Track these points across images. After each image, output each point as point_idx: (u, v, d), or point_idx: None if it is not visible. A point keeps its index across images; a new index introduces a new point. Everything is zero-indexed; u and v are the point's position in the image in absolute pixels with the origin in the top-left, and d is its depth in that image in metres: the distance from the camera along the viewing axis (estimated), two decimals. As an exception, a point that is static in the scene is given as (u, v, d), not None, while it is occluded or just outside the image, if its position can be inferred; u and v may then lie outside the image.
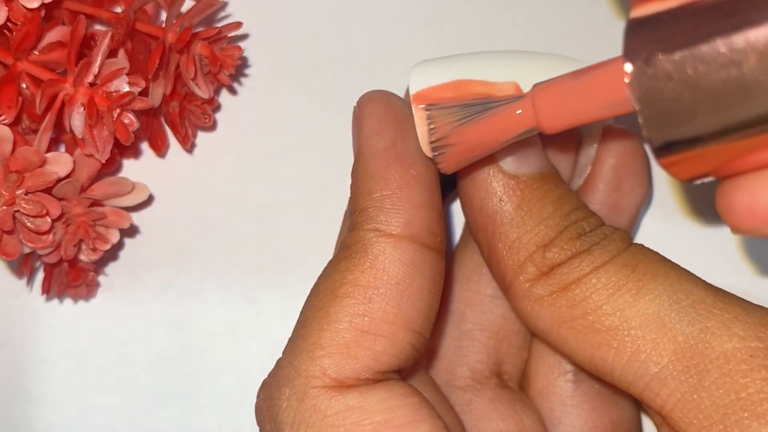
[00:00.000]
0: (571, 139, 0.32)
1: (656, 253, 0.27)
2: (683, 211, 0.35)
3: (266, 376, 0.28)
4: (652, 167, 0.34)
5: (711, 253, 0.35)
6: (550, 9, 0.35)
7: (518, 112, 0.25)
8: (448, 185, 0.29)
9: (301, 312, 0.28)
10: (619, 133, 0.32)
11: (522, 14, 0.35)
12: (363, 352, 0.26)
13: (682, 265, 0.27)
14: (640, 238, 0.35)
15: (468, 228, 0.33)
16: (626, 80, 0.22)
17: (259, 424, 0.28)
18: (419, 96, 0.27)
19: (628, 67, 0.22)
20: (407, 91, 0.33)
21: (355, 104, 0.29)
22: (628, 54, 0.22)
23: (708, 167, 0.23)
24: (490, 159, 0.28)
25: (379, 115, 0.28)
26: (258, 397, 0.28)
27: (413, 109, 0.27)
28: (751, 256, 0.35)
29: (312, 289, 0.28)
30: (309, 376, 0.26)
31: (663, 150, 0.23)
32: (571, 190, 0.28)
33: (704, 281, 0.26)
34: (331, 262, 0.28)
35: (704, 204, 0.35)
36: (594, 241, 0.27)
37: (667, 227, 0.35)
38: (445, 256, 0.28)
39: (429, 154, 0.27)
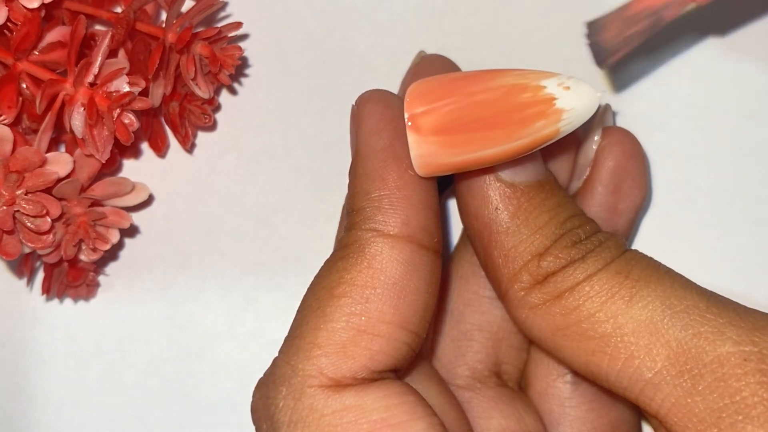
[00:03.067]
0: (570, 141, 0.32)
1: (650, 259, 0.27)
2: (682, 214, 0.35)
3: (262, 376, 0.28)
4: (651, 170, 0.34)
5: (709, 255, 0.35)
6: (550, 9, 0.35)
7: None
8: (445, 181, 0.29)
9: (298, 311, 0.28)
10: (619, 135, 0.32)
11: (522, 14, 0.35)
12: (360, 351, 0.26)
13: (681, 268, 0.27)
14: (638, 241, 0.35)
15: (465, 234, 0.33)
16: None
17: (255, 423, 0.28)
18: (414, 118, 0.27)
19: None
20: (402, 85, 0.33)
21: (353, 104, 0.29)
22: None
23: None
24: (488, 167, 0.28)
25: (377, 114, 0.28)
26: (254, 396, 0.28)
27: (407, 131, 0.27)
28: (749, 259, 0.34)
29: (309, 288, 0.28)
30: (306, 375, 0.26)
31: None
32: (569, 197, 0.29)
33: (698, 286, 0.26)
34: (328, 262, 0.28)
35: (703, 206, 0.35)
36: (588, 248, 0.27)
37: (665, 230, 0.35)
38: (443, 257, 0.28)
39: (422, 174, 0.27)
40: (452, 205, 0.35)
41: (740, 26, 0.33)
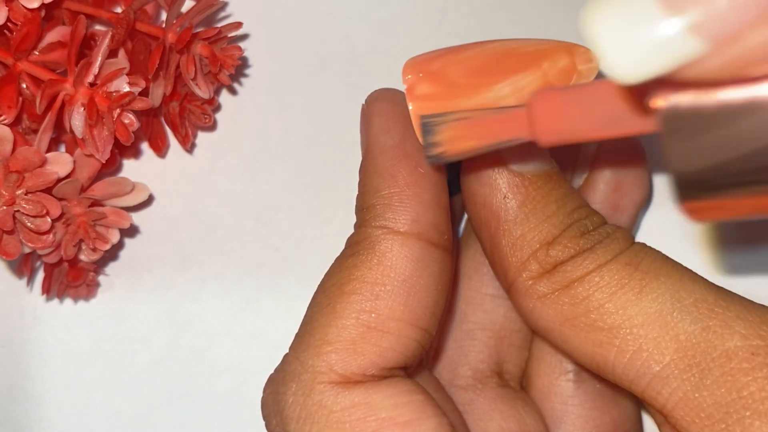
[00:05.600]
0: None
1: (658, 252, 0.27)
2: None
3: (273, 371, 0.28)
4: (652, 167, 0.34)
5: (709, 254, 0.35)
6: (550, 9, 0.35)
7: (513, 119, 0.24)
8: (456, 185, 0.29)
9: (309, 308, 0.28)
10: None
11: (521, 14, 0.35)
12: (369, 348, 0.26)
13: (684, 265, 0.27)
14: (640, 238, 0.35)
15: (470, 225, 0.33)
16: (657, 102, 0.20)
17: (265, 418, 0.28)
18: (411, 88, 0.27)
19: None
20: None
21: (363, 102, 0.29)
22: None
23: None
24: (495, 156, 0.28)
25: (387, 112, 0.28)
26: (264, 391, 0.28)
27: (408, 103, 0.27)
28: (751, 256, 0.35)
29: (319, 286, 0.28)
30: (315, 372, 0.26)
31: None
32: (574, 189, 0.29)
33: (706, 280, 0.26)
34: (338, 259, 0.28)
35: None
36: (597, 239, 0.27)
37: (667, 227, 0.35)
38: (453, 255, 0.28)
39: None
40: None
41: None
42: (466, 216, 0.34)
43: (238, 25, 0.33)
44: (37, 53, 0.31)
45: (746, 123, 0.20)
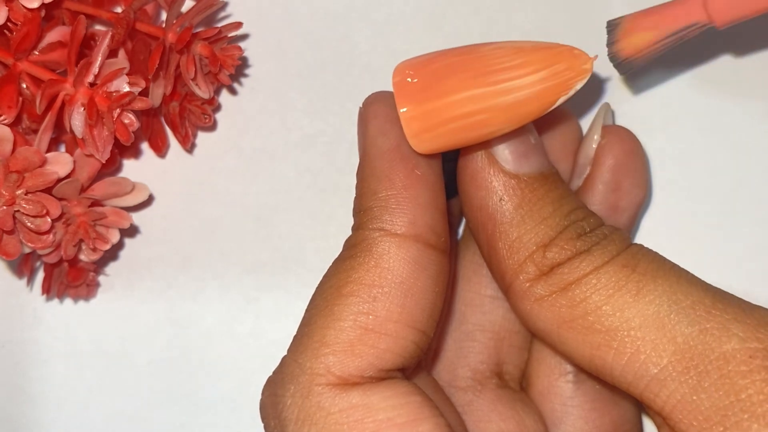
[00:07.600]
0: (571, 139, 0.32)
1: (656, 254, 0.27)
2: (682, 213, 0.35)
3: (271, 374, 0.28)
4: (651, 168, 0.34)
5: (710, 253, 0.35)
6: (550, 9, 0.35)
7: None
8: (453, 187, 0.29)
9: (306, 310, 0.28)
10: (618, 134, 0.32)
11: (521, 15, 0.35)
12: (367, 350, 0.26)
13: (681, 266, 0.27)
14: (639, 239, 0.35)
15: (468, 227, 0.33)
16: None
17: (263, 420, 0.28)
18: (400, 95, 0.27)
19: None
20: None
21: (360, 105, 0.29)
22: None
23: None
24: (489, 158, 0.28)
25: (384, 115, 0.28)
26: (263, 394, 0.28)
27: (399, 107, 0.27)
28: (750, 256, 0.35)
29: (317, 288, 0.28)
30: (313, 374, 0.26)
31: None
32: (571, 190, 0.29)
33: (703, 282, 0.26)
34: (335, 261, 0.28)
35: (703, 205, 0.35)
36: (594, 241, 0.27)
37: (666, 228, 0.35)
38: (450, 257, 0.28)
39: (418, 149, 0.27)
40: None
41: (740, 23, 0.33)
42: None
43: (238, 25, 0.33)
44: (37, 53, 0.31)
45: None
